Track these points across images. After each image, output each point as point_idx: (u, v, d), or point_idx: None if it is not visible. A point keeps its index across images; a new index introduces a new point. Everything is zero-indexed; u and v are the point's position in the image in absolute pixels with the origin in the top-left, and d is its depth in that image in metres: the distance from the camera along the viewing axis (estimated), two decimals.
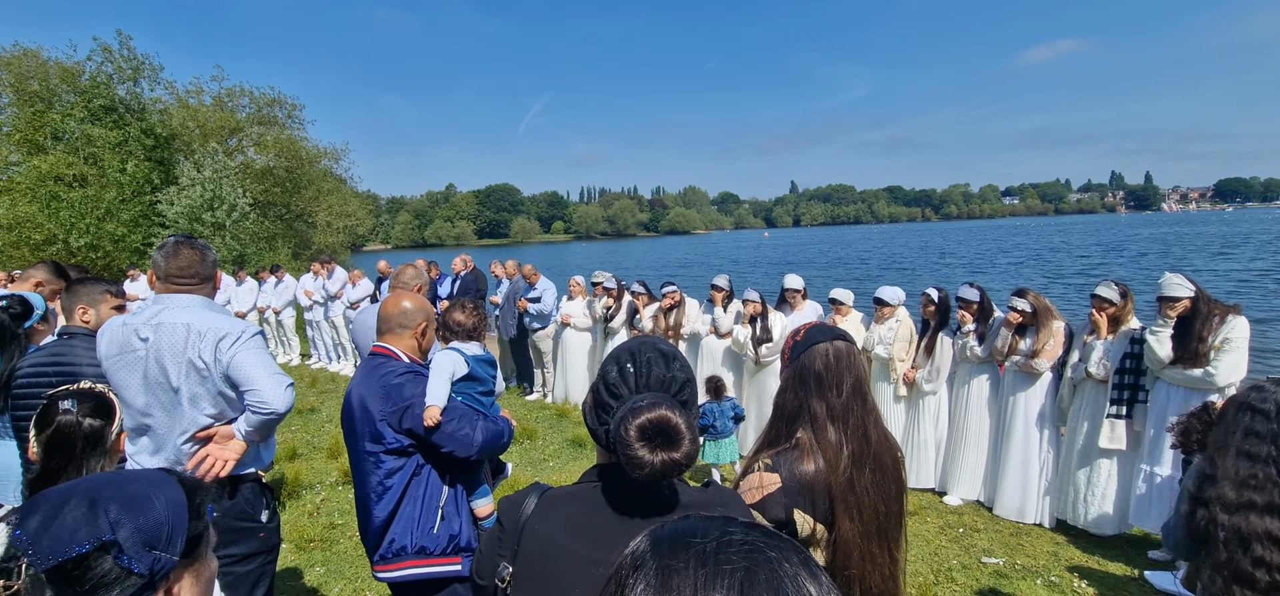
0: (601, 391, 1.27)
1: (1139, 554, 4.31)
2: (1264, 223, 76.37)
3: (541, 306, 8.47)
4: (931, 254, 48.93)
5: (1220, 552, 1.98)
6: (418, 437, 2.26)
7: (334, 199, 24.68)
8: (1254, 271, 25.45)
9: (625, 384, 1.24)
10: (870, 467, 1.56)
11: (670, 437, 1.12)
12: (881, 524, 1.56)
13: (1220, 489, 2.02)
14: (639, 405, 1.14)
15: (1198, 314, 4.00)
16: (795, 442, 1.59)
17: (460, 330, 2.59)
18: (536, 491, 1.29)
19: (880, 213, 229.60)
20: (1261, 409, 2.02)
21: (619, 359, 1.28)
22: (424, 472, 2.32)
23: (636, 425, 1.12)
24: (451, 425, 2.27)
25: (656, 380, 1.24)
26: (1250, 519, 1.96)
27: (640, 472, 1.11)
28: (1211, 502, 2.02)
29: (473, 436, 2.30)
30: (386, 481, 2.26)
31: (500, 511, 1.31)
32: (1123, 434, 4.37)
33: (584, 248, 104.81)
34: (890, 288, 5.63)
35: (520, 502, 1.29)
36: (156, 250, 2.37)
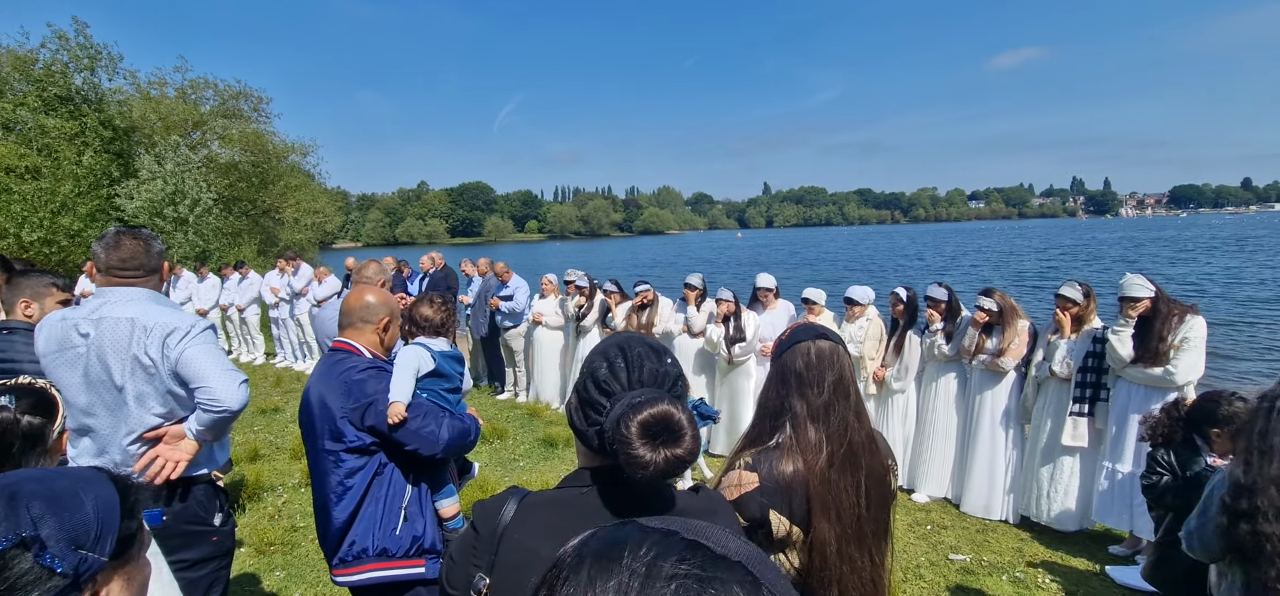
0: (590, 390, 1.19)
1: (1100, 549, 4.40)
2: (1214, 228, 79.45)
3: (513, 305, 8.37)
4: (898, 255, 50.01)
5: (1273, 567, 1.90)
6: (380, 435, 2.18)
7: (302, 195, 24.13)
8: (1206, 275, 26.39)
9: (617, 380, 1.16)
10: (851, 469, 1.53)
11: (674, 433, 1.07)
12: (861, 527, 1.53)
13: (1265, 497, 1.94)
14: (638, 401, 1.08)
15: (1158, 314, 4.10)
16: (777, 442, 1.56)
17: (427, 325, 2.52)
18: (515, 496, 1.22)
19: (851, 215, 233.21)
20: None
21: (608, 355, 1.21)
22: (387, 472, 2.24)
23: (639, 422, 1.06)
24: (416, 422, 2.20)
25: (650, 375, 1.17)
26: None
27: (644, 472, 1.05)
28: (1258, 514, 1.93)
29: (438, 434, 2.23)
30: (347, 481, 2.18)
31: (475, 517, 1.23)
32: (1085, 431, 4.46)
33: (558, 247, 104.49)
34: (860, 287, 5.68)
35: (498, 508, 1.20)
36: (97, 241, 2.24)
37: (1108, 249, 48.11)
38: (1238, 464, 2.03)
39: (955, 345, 5.07)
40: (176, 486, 2.25)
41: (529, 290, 8.61)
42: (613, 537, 0.52)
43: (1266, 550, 1.90)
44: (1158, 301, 4.13)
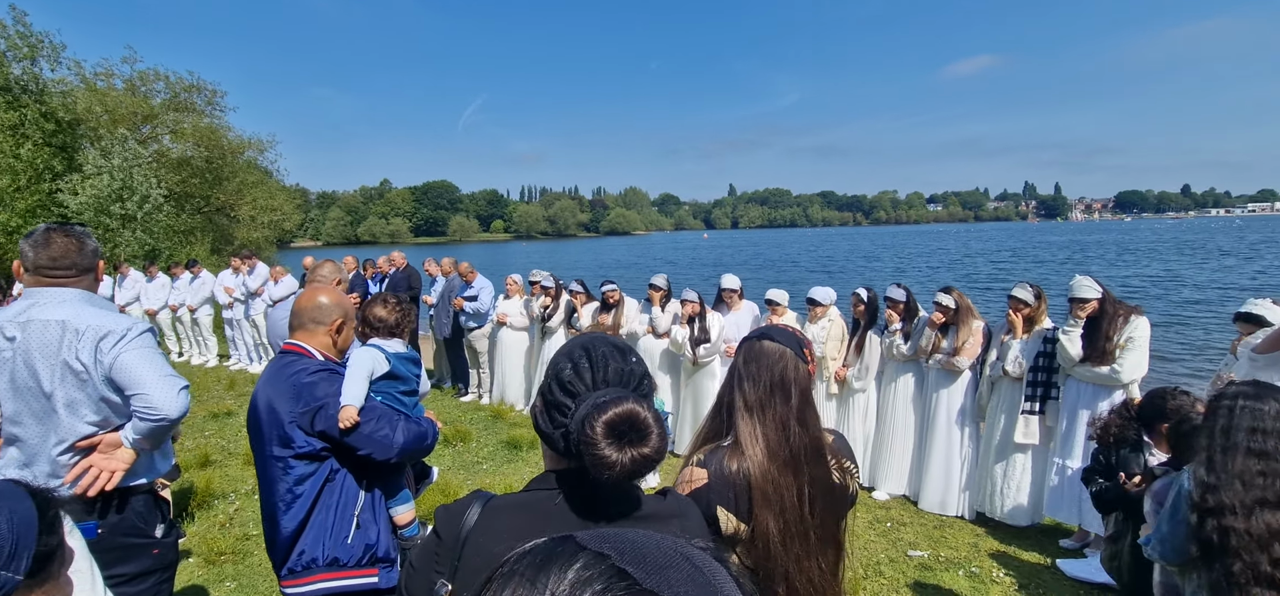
0: (554, 391, 1.17)
1: (1052, 543, 4.53)
2: (1157, 232, 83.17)
3: (478, 305, 8.26)
4: (858, 257, 51.16)
5: (1237, 560, 1.97)
6: (332, 440, 2.11)
7: (259, 192, 23.38)
8: (1147, 277, 27.55)
9: (582, 380, 1.15)
10: (793, 470, 1.54)
11: (640, 432, 1.06)
12: (805, 527, 1.53)
13: (1231, 492, 2.01)
14: (603, 401, 1.07)
15: (1105, 314, 4.24)
16: (733, 441, 1.58)
17: (381, 326, 2.45)
18: (479, 500, 1.18)
19: (814, 216, 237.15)
20: (1260, 409, 2.07)
21: (572, 355, 1.19)
22: (338, 478, 2.16)
23: (604, 422, 1.04)
24: (369, 426, 2.13)
25: (615, 374, 1.16)
26: (1265, 517, 1.97)
27: (609, 473, 1.04)
28: (1223, 510, 2.01)
29: (392, 437, 2.16)
30: (296, 488, 2.10)
31: (438, 522, 1.19)
32: (1036, 429, 4.59)
33: (524, 247, 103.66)
34: (823, 288, 5.75)
35: (461, 513, 1.17)
36: (24, 239, 2.11)
37: (1057, 251, 49.88)
38: (1200, 463, 2.10)
39: (913, 345, 5.17)
40: (113, 497, 2.13)
41: (494, 290, 8.50)
42: (546, 555, 0.50)
43: (1232, 544, 1.97)
44: (1105, 302, 4.27)
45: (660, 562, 0.50)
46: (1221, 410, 2.10)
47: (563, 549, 0.50)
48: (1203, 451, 2.10)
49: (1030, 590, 3.91)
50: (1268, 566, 1.92)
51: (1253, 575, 1.93)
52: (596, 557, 0.49)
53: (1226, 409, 2.09)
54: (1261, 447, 2.03)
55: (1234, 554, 1.96)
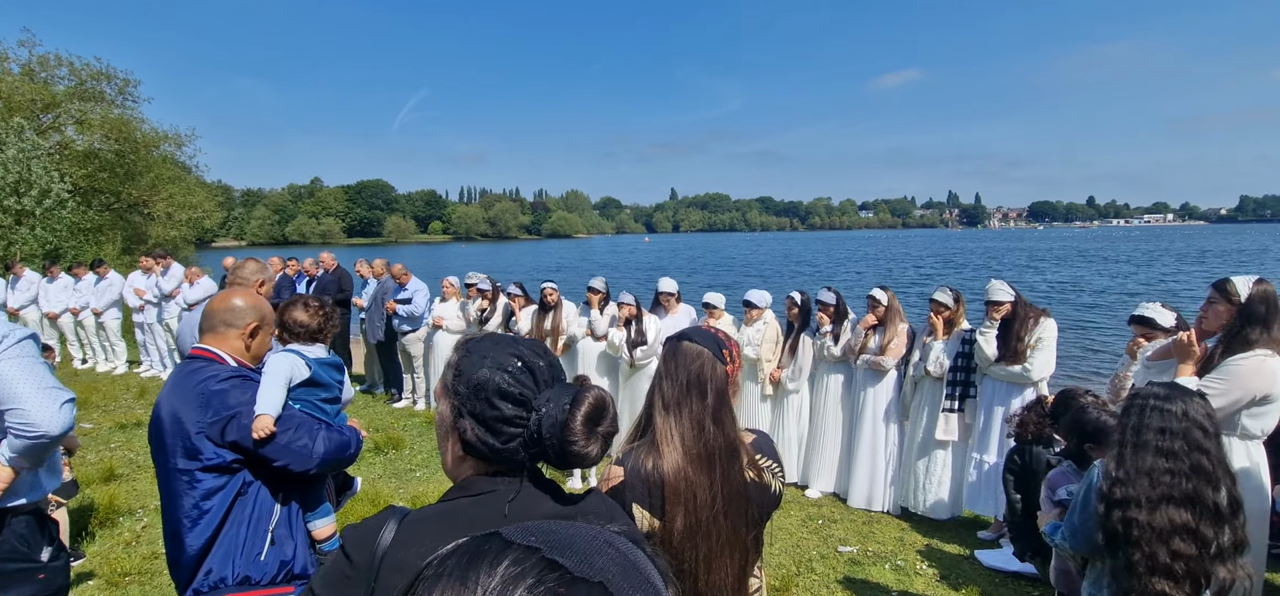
0: (498, 405, 1.11)
1: (970, 535, 4.76)
2: (1065, 240, 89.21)
3: (412, 308, 8.03)
4: (793, 261, 52.77)
5: (1137, 550, 2.09)
6: (245, 451, 1.98)
7: (175, 188, 21.93)
8: (1053, 282, 29.46)
9: (526, 385, 1.11)
10: (706, 469, 1.56)
11: (607, 414, 1.10)
12: (716, 527, 1.54)
13: (1137, 487, 2.13)
14: (566, 398, 1.09)
15: (1017, 316, 4.50)
16: (651, 440, 1.59)
17: (302, 331, 2.32)
18: (394, 516, 1.11)
19: (753, 221, 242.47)
20: (1169, 411, 2.19)
21: (501, 363, 1.12)
22: (251, 491, 2.03)
23: (583, 416, 1.07)
24: (287, 435, 2.01)
25: (548, 370, 1.15)
26: (1168, 512, 2.09)
27: (585, 462, 1.09)
28: (1129, 503, 2.13)
29: (312, 447, 2.05)
30: (203, 504, 1.96)
31: (347, 543, 1.10)
32: (955, 426, 4.82)
33: (463, 249, 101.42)
34: (758, 291, 5.87)
35: (375, 531, 1.09)
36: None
37: (975, 257, 52.70)
38: (1112, 458, 2.22)
39: (843, 346, 5.34)
40: None
41: (429, 293, 8.28)
42: (473, 554, 0.50)
43: (1134, 535, 2.09)
44: (1017, 305, 4.53)
45: (588, 550, 0.51)
46: (1134, 409, 2.22)
47: (490, 545, 0.50)
48: (1115, 447, 2.23)
49: (951, 581, 4.10)
50: (1166, 557, 2.06)
51: (1151, 565, 2.06)
52: (526, 551, 0.49)
53: (1139, 408, 2.22)
54: (1169, 447, 2.17)
55: (1136, 544, 2.09)
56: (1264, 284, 2.87)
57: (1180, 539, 2.07)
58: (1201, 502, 2.10)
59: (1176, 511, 2.09)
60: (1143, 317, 3.60)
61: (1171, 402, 2.19)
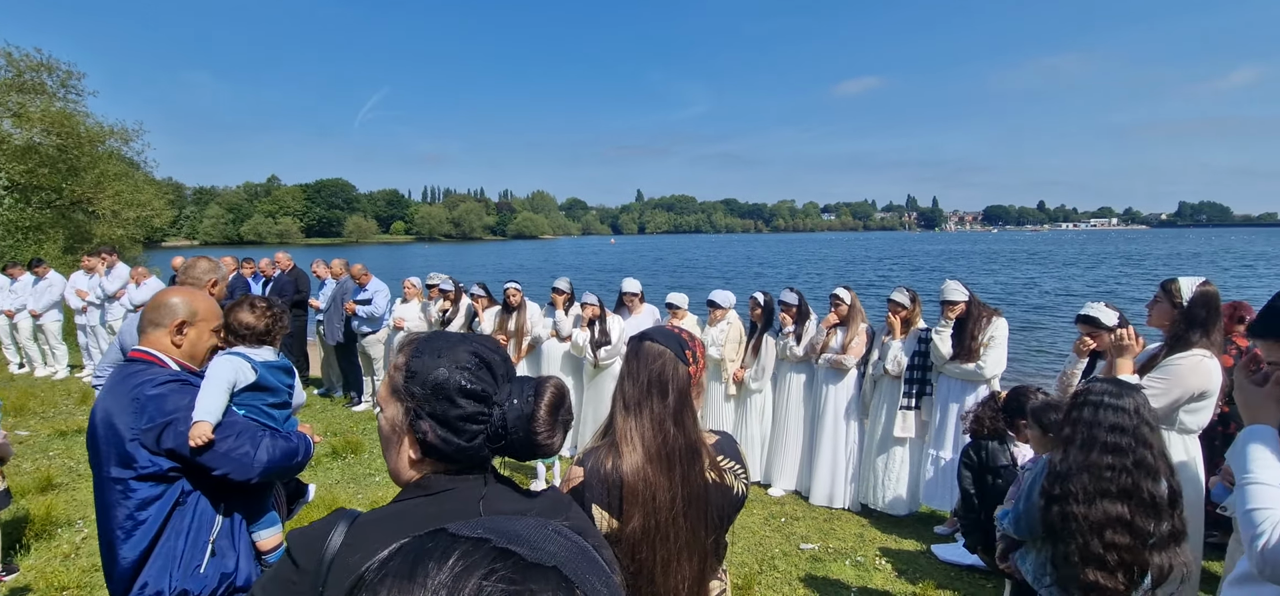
0: (460, 402, 1.09)
1: (927, 530, 4.87)
2: (1017, 243, 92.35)
3: (372, 309, 7.86)
4: (756, 262, 53.51)
5: (1074, 542, 2.18)
6: (182, 459, 1.90)
7: (122, 185, 20.97)
8: (1004, 284, 30.44)
9: (489, 380, 1.11)
10: (666, 470, 1.55)
11: (568, 405, 1.14)
12: (675, 528, 1.54)
13: (1079, 481, 2.20)
14: (529, 391, 1.11)
15: (971, 315, 4.63)
16: (611, 441, 1.59)
17: (248, 333, 2.24)
18: (344, 519, 1.08)
19: (718, 223, 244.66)
20: (1121, 407, 2.26)
21: (458, 361, 1.10)
22: (191, 501, 1.94)
23: (546, 405, 1.10)
24: (227, 443, 1.93)
25: (505, 365, 1.15)
26: (1104, 505, 2.17)
27: (544, 453, 1.12)
28: (1069, 497, 2.20)
29: (254, 456, 1.96)
30: (138, 514, 1.87)
31: (293, 548, 1.07)
32: (913, 423, 4.93)
33: (426, 250, 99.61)
34: (722, 291, 5.91)
35: (323, 536, 1.06)
36: None
37: (932, 259, 54.16)
38: (1057, 453, 2.29)
39: (805, 346, 5.42)
40: None
41: (389, 294, 8.12)
42: (418, 551, 0.49)
43: (1071, 527, 2.17)
44: (971, 304, 4.66)
45: (538, 539, 0.51)
46: (1086, 405, 2.29)
47: (436, 542, 0.49)
48: (1062, 441, 2.30)
49: (908, 575, 4.19)
50: (1099, 548, 2.16)
51: (1085, 555, 2.15)
52: (475, 543, 0.48)
53: (1092, 405, 2.29)
54: (1117, 443, 2.25)
55: (1073, 536, 2.17)
56: (1207, 286, 3.00)
57: (1114, 531, 2.15)
58: (1138, 495, 2.19)
59: (1112, 505, 2.17)
60: (1088, 317, 3.73)
61: (1123, 399, 2.27)
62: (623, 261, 56.95)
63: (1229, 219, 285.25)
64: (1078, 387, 2.43)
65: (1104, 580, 2.16)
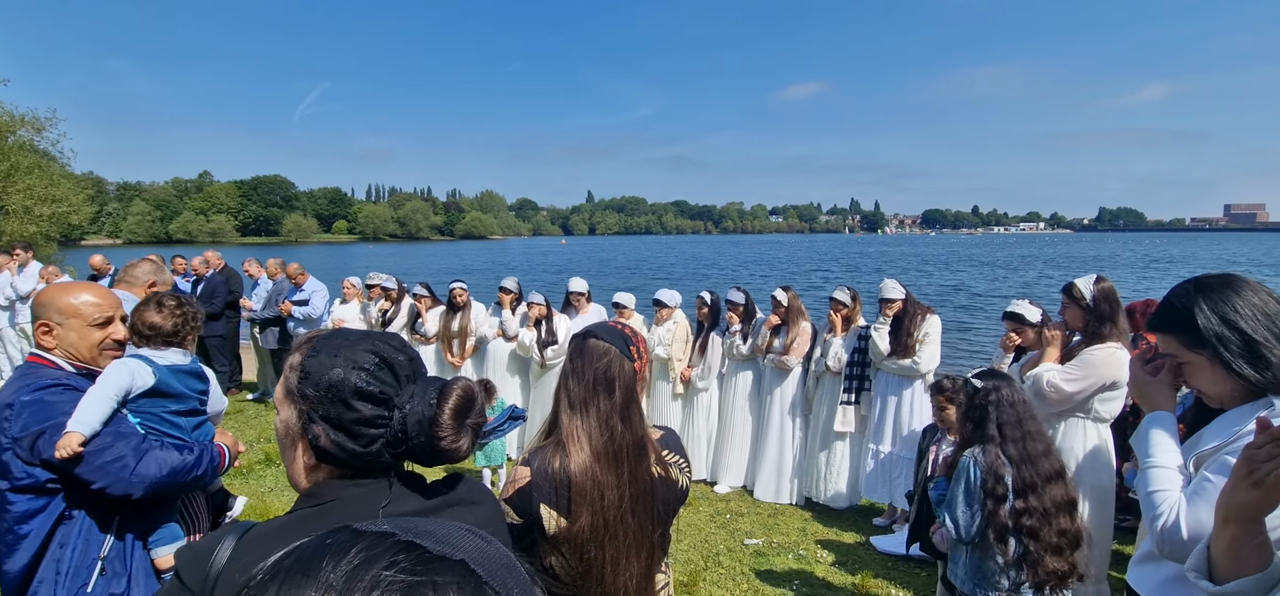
0: (357, 406, 1.03)
1: (866, 522, 5.02)
2: (953, 246, 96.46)
3: (309, 310, 7.59)
4: (704, 263, 54.44)
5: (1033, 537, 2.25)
6: (60, 471, 1.75)
7: (34, 178, 19.65)
8: (939, 284, 31.75)
9: (390, 381, 1.05)
10: (614, 467, 1.54)
11: (476, 408, 1.07)
12: (624, 525, 1.54)
13: (1025, 473, 2.27)
14: (432, 392, 1.04)
15: (907, 313, 4.79)
16: (557, 440, 1.56)
17: (154, 333, 2.08)
18: (233, 533, 1.02)
19: (669, 224, 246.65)
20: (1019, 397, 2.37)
21: (355, 361, 1.04)
22: (77, 516, 1.80)
23: (451, 407, 1.02)
24: (104, 455, 1.76)
25: (408, 365, 1.08)
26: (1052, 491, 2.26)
27: (451, 458, 1.05)
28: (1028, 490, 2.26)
29: (134, 468, 1.80)
30: (19, 528, 1.73)
31: (180, 566, 1.01)
32: (852, 418, 5.07)
33: (371, 249, 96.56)
34: (668, 291, 5.94)
35: (209, 551, 0.99)
36: None
37: (873, 260, 56.03)
38: (987, 450, 2.35)
39: (751, 345, 5.51)
40: None
41: (328, 294, 7.86)
42: (315, 548, 0.46)
43: (1026, 525, 2.26)
44: (907, 302, 4.83)
45: (446, 533, 0.49)
46: (1001, 403, 2.36)
47: (335, 538, 0.47)
48: (997, 439, 2.34)
49: (848, 567, 4.30)
50: (1054, 537, 2.26)
51: (1044, 546, 2.24)
52: (378, 537, 0.47)
53: (996, 401, 2.36)
54: (1038, 429, 2.36)
55: (1035, 534, 2.26)
56: (1103, 282, 3.20)
57: (1063, 515, 2.27)
58: (1065, 472, 2.34)
59: (1056, 487, 2.29)
60: (1013, 314, 3.92)
61: (1012, 386, 2.39)
62: (573, 262, 56.73)
63: (1143, 224, 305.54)
64: (968, 385, 2.49)
65: (1060, 565, 2.25)
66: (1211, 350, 1.49)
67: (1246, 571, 1.18)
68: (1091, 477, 3.16)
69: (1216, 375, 1.51)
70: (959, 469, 2.42)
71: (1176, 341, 1.57)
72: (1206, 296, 1.52)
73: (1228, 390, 1.51)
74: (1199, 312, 1.50)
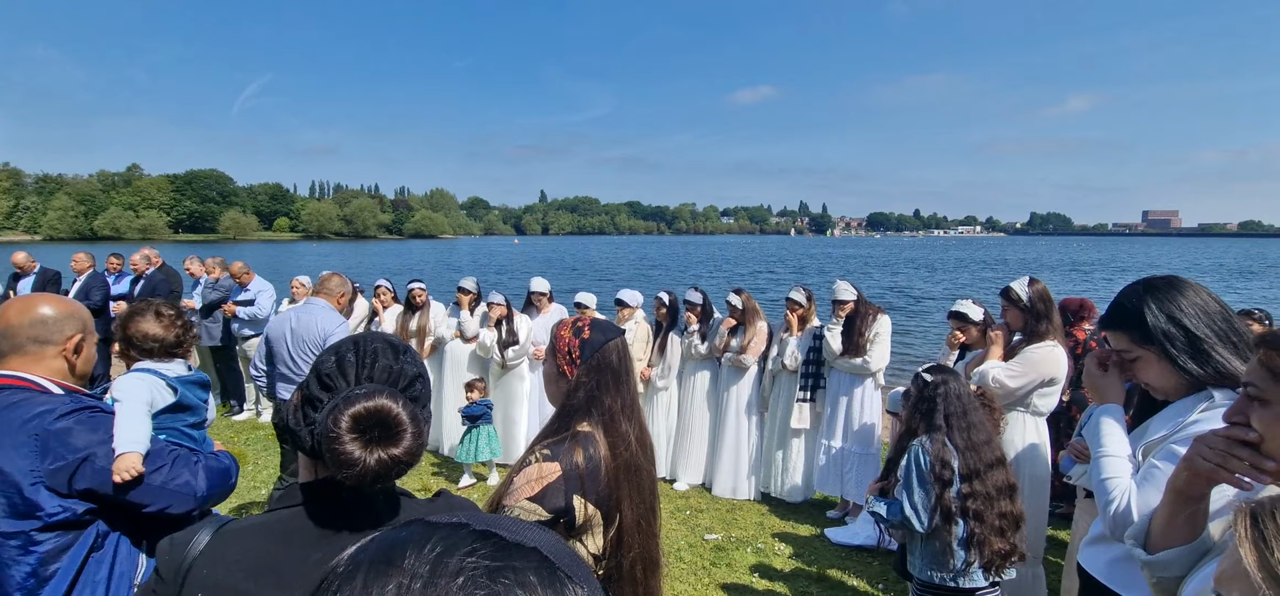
0: (312, 386, 1.08)
1: (820, 515, 5.19)
2: (896, 248, 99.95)
3: (255, 310, 7.33)
4: (655, 263, 54.98)
5: (979, 520, 2.42)
6: (100, 499, 1.64)
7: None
8: (885, 286, 32.91)
9: (343, 376, 1.07)
10: (648, 452, 1.66)
11: (389, 431, 0.98)
12: (655, 499, 1.67)
13: (974, 456, 2.45)
14: (354, 395, 1.00)
15: (859, 313, 4.99)
16: (573, 434, 1.57)
17: (154, 345, 1.98)
18: (210, 526, 1.03)
19: (622, 224, 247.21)
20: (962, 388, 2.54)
21: (339, 349, 1.11)
22: (109, 544, 1.68)
23: (350, 415, 0.97)
24: (161, 475, 1.69)
25: (382, 372, 1.09)
26: (994, 476, 2.44)
27: (350, 472, 0.96)
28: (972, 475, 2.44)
29: (194, 484, 1.75)
30: (44, 569, 1.58)
31: (159, 557, 1.02)
32: (808, 415, 5.24)
33: (316, 248, 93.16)
34: (630, 291, 6.02)
35: (185, 543, 1.01)
36: None
37: (823, 262, 57.57)
38: (934, 438, 2.51)
39: (709, 344, 5.62)
40: None
41: (274, 294, 7.61)
42: (394, 539, 0.47)
43: (977, 508, 2.42)
44: (859, 303, 5.03)
45: (515, 525, 0.50)
46: (949, 396, 2.53)
47: (411, 530, 0.48)
48: (944, 429, 2.51)
49: (804, 558, 4.45)
50: (997, 519, 2.43)
51: (989, 529, 2.42)
52: (454, 527, 0.47)
53: (944, 394, 2.54)
54: (981, 420, 2.55)
55: (977, 516, 2.43)
56: (1037, 284, 3.43)
57: (1005, 498, 2.45)
58: (1004, 459, 2.51)
59: (998, 473, 2.48)
60: (958, 312, 4.15)
61: (957, 379, 2.58)
62: (527, 262, 56.29)
63: (1070, 228, 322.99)
64: (918, 378, 2.68)
65: (1003, 545, 2.44)
66: (1159, 347, 1.63)
67: (1177, 542, 1.31)
68: (1029, 467, 3.37)
69: (1162, 370, 1.65)
70: (908, 455, 2.56)
71: (1126, 337, 1.71)
72: (1155, 296, 1.66)
73: (1172, 384, 1.65)
74: (1148, 311, 1.64)
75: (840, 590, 4.06)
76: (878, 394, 5.08)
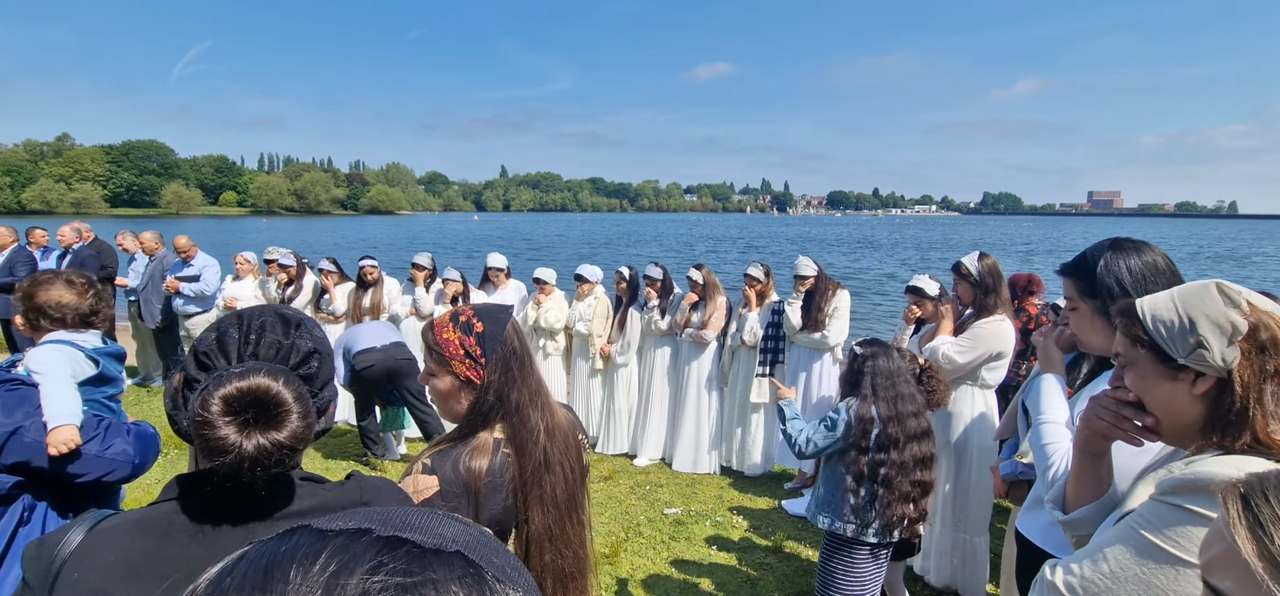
0: (190, 366, 0.97)
1: (778, 487, 5.27)
2: (855, 226, 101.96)
3: (200, 287, 7.01)
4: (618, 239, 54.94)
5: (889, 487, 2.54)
6: (30, 471, 1.62)
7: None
8: (847, 264, 33.54)
9: (223, 354, 0.96)
10: (559, 446, 1.46)
11: (269, 412, 0.89)
12: (571, 502, 1.48)
13: (895, 426, 2.56)
14: (228, 373, 0.91)
15: (818, 288, 5.04)
16: (467, 442, 1.39)
17: (69, 315, 1.88)
18: (85, 522, 0.93)
19: (584, 201, 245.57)
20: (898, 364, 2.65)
21: (221, 324, 1.00)
22: (36, 517, 1.68)
23: (220, 396, 0.87)
24: (95, 445, 1.67)
25: (269, 348, 0.98)
26: (913, 448, 2.55)
27: (223, 460, 0.86)
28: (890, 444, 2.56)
29: (130, 452, 1.74)
30: None
31: (25, 562, 0.91)
32: (767, 389, 5.29)
33: (265, 223, 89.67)
34: (589, 266, 5.95)
35: (55, 544, 0.91)
36: None
37: (783, 242, 58.33)
38: (863, 405, 2.65)
39: (669, 319, 5.61)
40: None
41: (220, 270, 7.29)
42: (273, 554, 0.37)
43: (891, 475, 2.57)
44: (819, 278, 5.07)
45: (430, 523, 0.42)
46: (877, 369, 2.67)
47: (294, 542, 0.38)
48: (871, 397, 2.64)
49: (761, 530, 4.52)
50: (907, 486, 2.58)
51: (896, 495, 2.57)
52: (351, 536, 0.38)
53: (873, 367, 2.68)
54: (910, 393, 2.65)
55: (889, 483, 2.57)
56: (986, 258, 3.50)
57: (921, 469, 2.59)
58: (930, 435, 2.64)
59: (918, 446, 2.60)
60: (914, 287, 4.22)
61: (892, 355, 2.71)
62: (487, 239, 55.47)
63: (1020, 208, 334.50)
64: (850, 350, 2.85)
65: (910, 512, 2.60)
66: (1100, 301, 1.67)
67: (1087, 499, 1.36)
68: (977, 439, 3.47)
69: (1096, 324, 1.69)
70: (838, 408, 2.75)
71: (1074, 286, 1.76)
72: (1112, 252, 1.70)
73: (1101, 341, 1.69)
74: (1100, 264, 1.68)
75: (795, 560, 4.13)
76: (836, 368, 5.15)
